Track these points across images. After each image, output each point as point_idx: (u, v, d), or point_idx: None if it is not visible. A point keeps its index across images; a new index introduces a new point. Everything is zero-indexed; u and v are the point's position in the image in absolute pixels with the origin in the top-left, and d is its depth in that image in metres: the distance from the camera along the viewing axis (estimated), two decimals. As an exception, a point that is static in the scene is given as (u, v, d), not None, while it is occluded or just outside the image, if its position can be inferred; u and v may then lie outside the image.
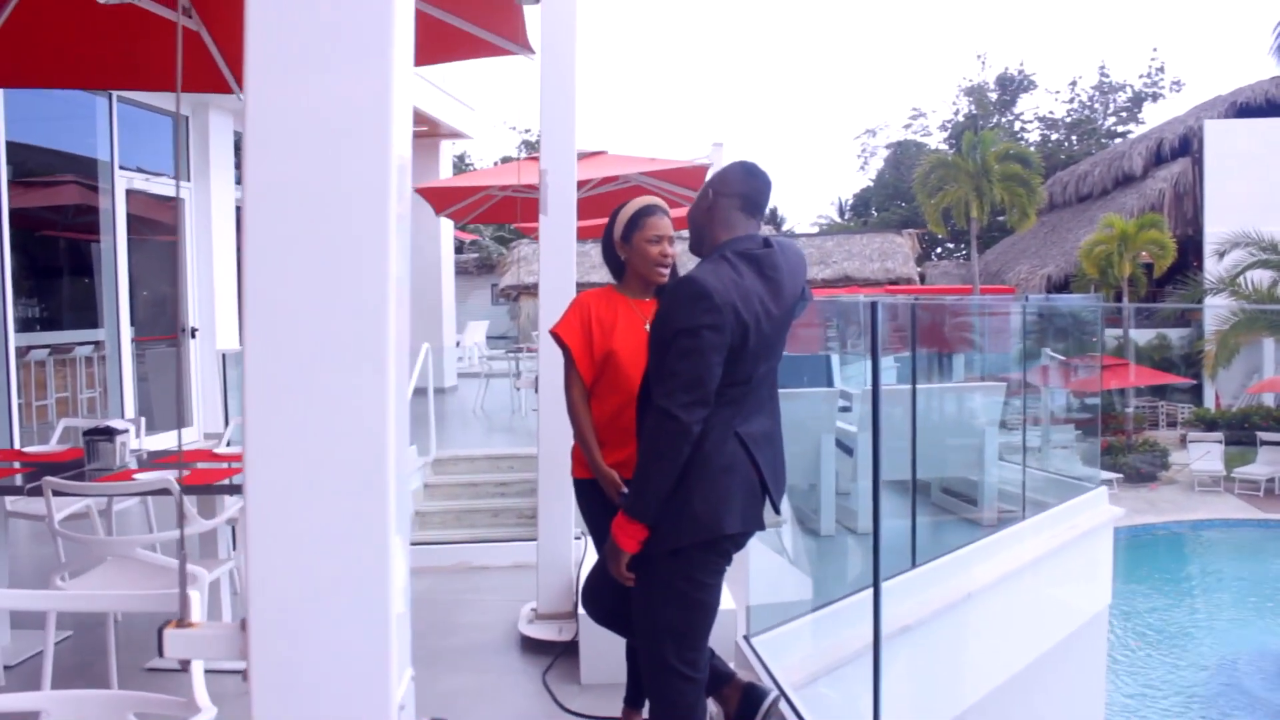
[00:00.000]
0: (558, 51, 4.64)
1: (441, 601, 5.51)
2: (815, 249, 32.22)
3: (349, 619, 1.43)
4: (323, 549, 1.44)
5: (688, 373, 2.68)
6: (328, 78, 1.43)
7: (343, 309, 1.44)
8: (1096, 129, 45.96)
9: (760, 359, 2.83)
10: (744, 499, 2.84)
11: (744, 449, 2.83)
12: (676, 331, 2.70)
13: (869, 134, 56.88)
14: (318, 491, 1.44)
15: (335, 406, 1.44)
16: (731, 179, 2.95)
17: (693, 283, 2.71)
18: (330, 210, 1.43)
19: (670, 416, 2.67)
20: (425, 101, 14.06)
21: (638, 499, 2.76)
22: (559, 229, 4.74)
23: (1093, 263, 25.25)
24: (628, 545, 2.80)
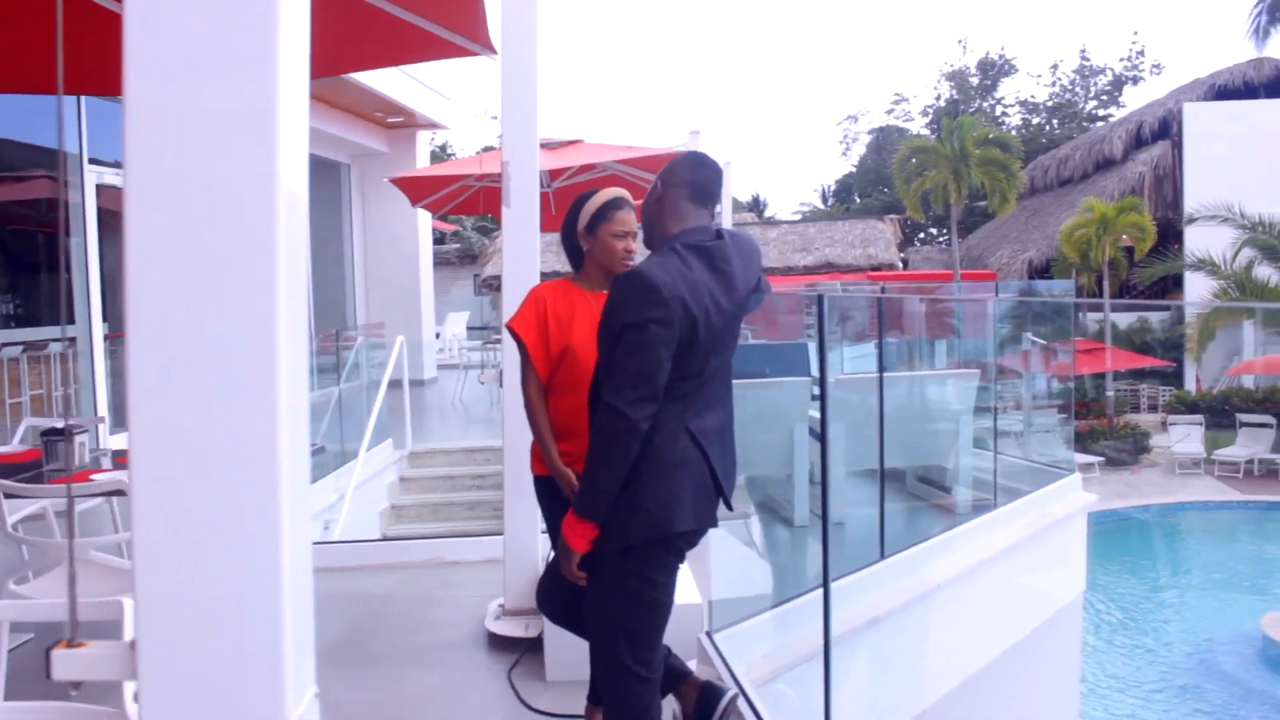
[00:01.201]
0: (519, 40, 4.58)
1: (411, 597, 5.47)
2: (797, 235, 32.20)
3: (241, 638, 1.38)
4: (212, 564, 1.39)
5: (635, 369, 2.63)
6: (209, 60, 1.37)
7: (229, 308, 1.39)
8: (1078, 112, 46.04)
9: (711, 353, 2.79)
10: (696, 495, 2.80)
11: (695, 445, 2.78)
12: (623, 326, 2.65)
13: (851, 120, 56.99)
14: (205, 505, 1.39)
15: (221, 419, 1.39)
16: (680, 169, 2.90)
17: (640, 276, 2.66)
18: (214, 202, 1.37)
19: (618, 414, 2.62)
20: (400, 92, 13.97)
21: (586, 497, 2.72)
22: (522, 221, 4.68)
23: (1073, 247, 25.29)
24: (578, 545, 2.76)
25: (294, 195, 1.43)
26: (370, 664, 4.54)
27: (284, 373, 1.39)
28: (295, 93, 1.42)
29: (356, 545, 6.41)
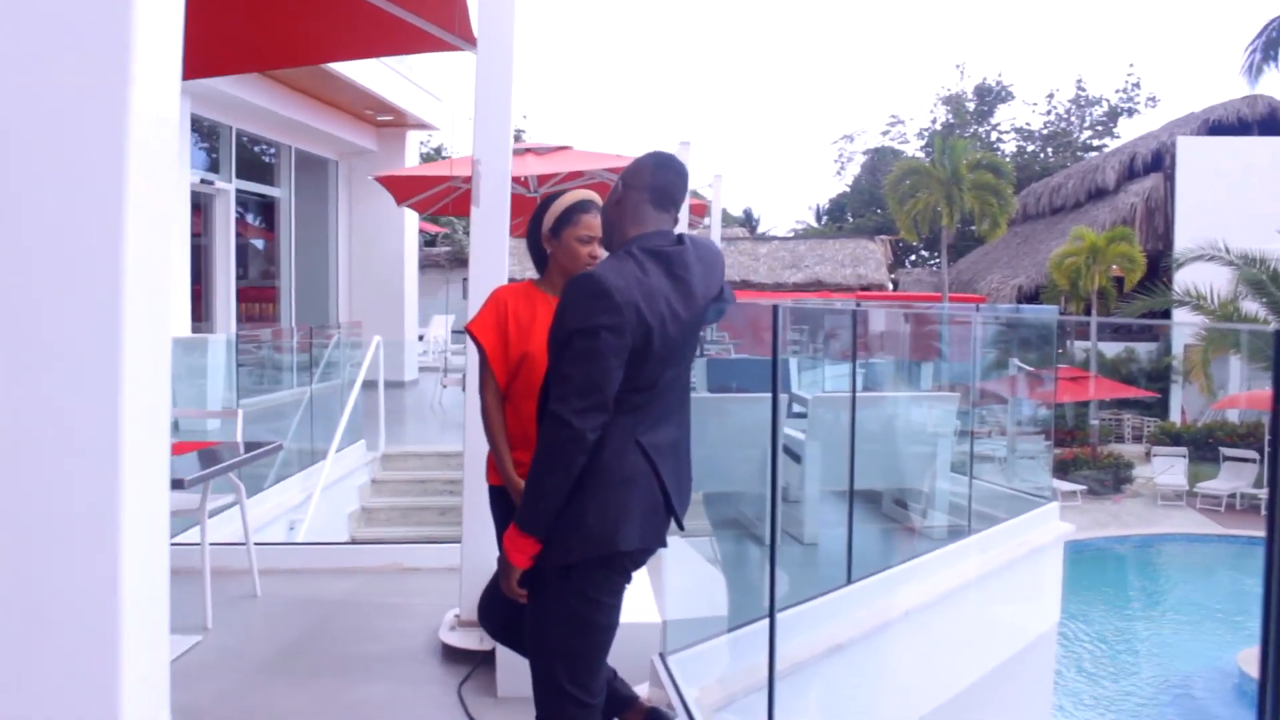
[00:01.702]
0: (495, 37, 4.46)
1: (367, 604, 5.32)
2: (788, 252, 32.20)
3: (73, 659, 1.25)
4: (44, 575, 1.25)
5: (583, 376, 2.49)
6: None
7: (68, 304, 1.25)
8: (1072, 141, 46.15)
9: (666, 363, 2.65)
10: (644, 513, 2.65)
11: (646, 460, 2.64)
12: (572, 332, 2.51)
13: (846, 139, 56.91)
14: (36, 509, 1.25)
15: (56, 419, 1.25)
16: (642, 171, 2.75)
17: (591, 280, 2.52)
18: (53, 194, 1.23)
19: (563, 423, 2.48)
20: (390, 90, 13.85)
21: (528, 511, 2.57)
22: (491, 222, 4.56)
23: (1063, 274, 25.30)
24: (519, 560, 2.61)
25: (146, 186, 1.29)
26: (315, 673, 4.39)
27: (131, 372, 1.25)
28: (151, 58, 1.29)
29: (316, 548, 6.26)
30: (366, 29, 5.34)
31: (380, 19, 5.09)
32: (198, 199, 12.09)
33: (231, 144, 12.89)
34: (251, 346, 12.02)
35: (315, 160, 15.47)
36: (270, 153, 14.53)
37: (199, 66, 5.83)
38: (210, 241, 12.76)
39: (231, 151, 12.90)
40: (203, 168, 12.38)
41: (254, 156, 14.17)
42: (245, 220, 14.44)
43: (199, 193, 12.08)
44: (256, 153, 14.28)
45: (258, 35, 5.55)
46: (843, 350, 10.30)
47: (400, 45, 5.62)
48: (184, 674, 4.33)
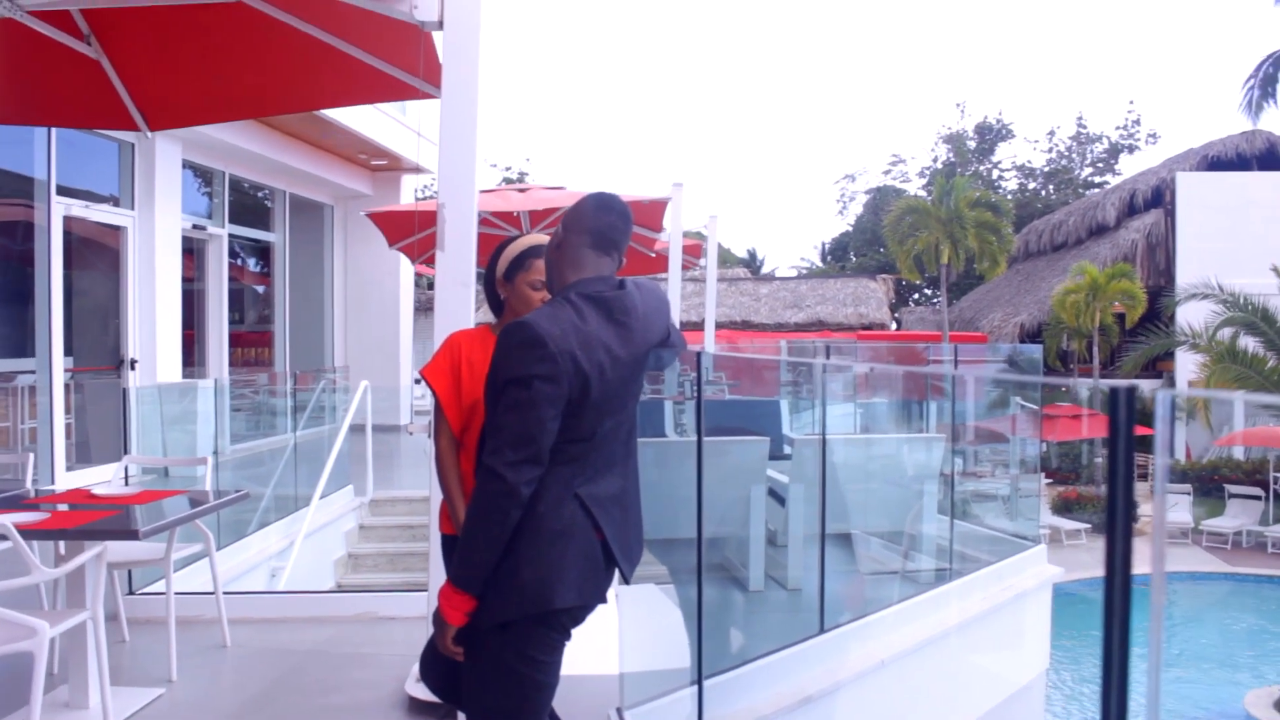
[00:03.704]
0: (459, 79, 4.43)
1: (336, 654, 5.24)
2: (789, 292, 32.21)
3: None
4: None
5: (516, 427, 2.42)
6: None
7: None
8: (1073, 179, 46.25)
9: (605, 413, 2.57)
10: (582, 569, 2.56)
11: (585, 512, 2.56)
12: (506, 381, 2.45)
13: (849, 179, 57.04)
14: None
15: None
16: (583, 214, 2.69)
17: (525, 328, 2.46)
18: None
19: (496, 476, 2.41)
20: (382, 134, 13.90)
21: (463, 567, 2.50)
22: (456, 265, 4.50)
23: (1065, 311, 25.24)
24: (453, 618, 2.53)
25: None
26: (276, 726, 4.31)
27: None
28: None
29: (289, 597, 6.18)
30: (337, 77, 5.34)
31: (351, 67, 5.10)
32: (190, 243, 12.09)
33: (225, 189, 12.92)
34: (243, 391, 11.99)
35: (310, 205, 15.51)
36: (265, 197, 14.56)
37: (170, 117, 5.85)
38: (203, 286, 12.75)
39: (225, 196, 12.93)
40: (197, 213, 12.39)
41: (248, 201, 14.20)
42: (240, 265, 14.45)
43: (191, 237, 12.08)
44: (251, 197, 14.31)
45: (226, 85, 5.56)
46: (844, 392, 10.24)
47: (370, 93, 5.62)
48: (140, 728, 4.25)
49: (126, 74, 5.31)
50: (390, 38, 4.82)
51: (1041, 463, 12.73)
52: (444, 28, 4.34)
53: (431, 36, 4.61)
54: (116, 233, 10.77)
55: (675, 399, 10.27)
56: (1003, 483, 12.31)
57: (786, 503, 6.65)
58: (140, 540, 4.17)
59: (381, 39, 4.89)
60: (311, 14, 4.79)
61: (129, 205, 10.82)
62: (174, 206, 11.26)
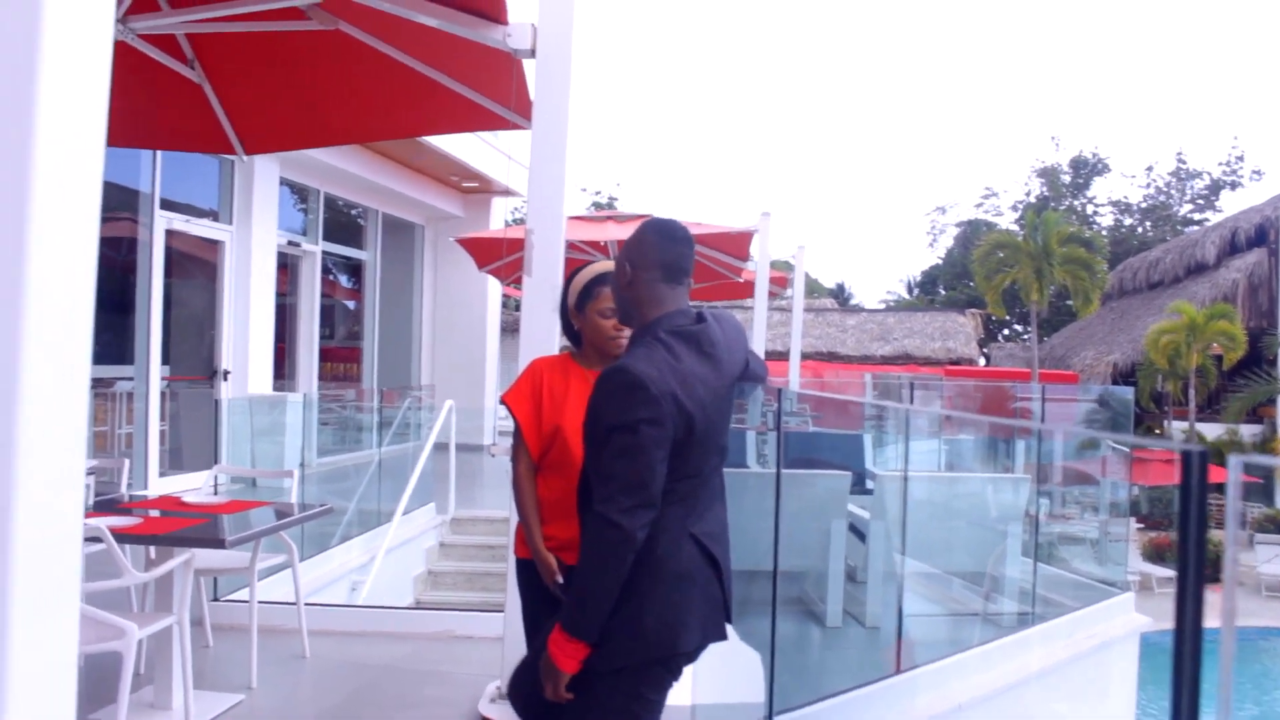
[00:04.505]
0: (550, 106, 4.49)
1: (413, 671, 5.29)
2: (876, 324, 31.91)
3: None
4: None
5: (627, 474, 2.38)
6: None
7: None
8: (1172, 215, 45.13)
9: (709, 449, 2.55)
10: (703, 608, 2.53)
11: (702, 552, 2.53)
12: (610, 429, 2.41)
13: (939, 211, 56.27)
14: None
15: None
16: (647, 249, 2.64)
17: (624, 373, 2.43)
18: None
19: (610, 524, 2.37)
20: (475, 157, 14.11)
21: (579, 616, 2.44)
22: (543, 291, 4.55)
23: (1160, 352, 24.58)
24: (567, 666, 2.46)
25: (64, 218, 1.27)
26: (349, 740, 4.37)
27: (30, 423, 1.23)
28: None
29: (369, 611, 6.26)
30: (429, 106, 5.44)
31: (443, 96, 5.18)
32: (284, 259, 12.38)
33: (320, 206, 13.22)
34: (331, 405, 12.22)
35: (402, 224, 15.79)
36: (358, 216, 14.86)
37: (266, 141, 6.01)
38: (296, 301, 13.04)
39: (320, 214, 13.23)
40: (292, 229, 12.69)
41: (342, 219, 14.51)
42: (332, 281, 14.76)
43: (285, 253, 12.37)
44: (345, 215, 14.62)
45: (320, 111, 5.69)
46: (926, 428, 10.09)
47: (461, 123, 5.72)
48: (220, 734, 4.34)
49: (226, 98, 5.46)
50: (482, 67, 4.90)
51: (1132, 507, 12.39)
52: (536, 55, 4.41)
53: (523, 66, 4.68)
54: (215, 247, 11.07)
55: (758, 429, 10.23)
56: (1090, 526, 12.03)
57: (867, 538, 6.57)
58: (227, 549, 4.27)
59: (474, 68, 4.96)
60: (406, 42, 4.89)
61: (227, 220, 11.12)
62: (270, 222, 11.54)
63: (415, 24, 4.39)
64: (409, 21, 4.39)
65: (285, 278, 12.68)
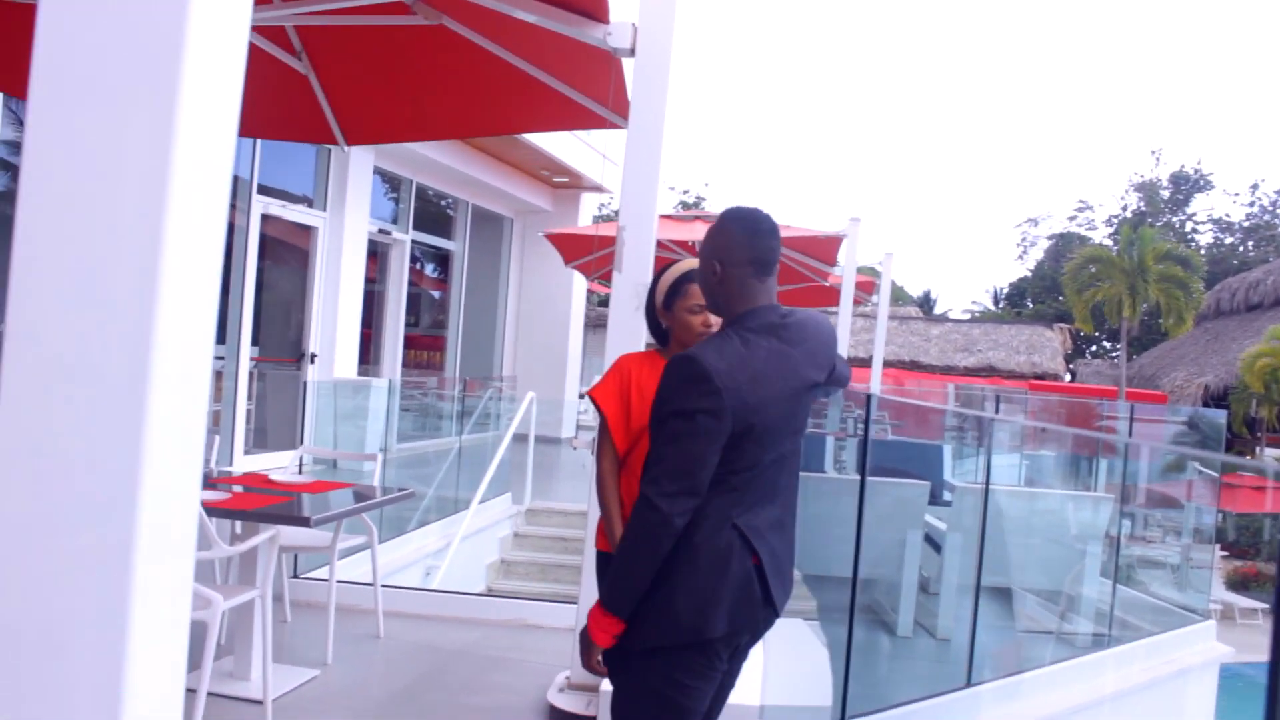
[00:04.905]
0: (648, 106, 4.53)
1: (483, 656, 5.37)
2: (961, 335, 31.48)
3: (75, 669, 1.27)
4: (54, 577, 1.27)
5: (676, 459, 2.43)
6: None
7: (104, 319, 1.29)
8: (1276, 235, 43.86)
9: (768, 445, 2.55)
10: (736, 598, 2.55)
11: (744, 541, 2.55)
12: (668, 414, 2.46)
13: (1031, 223, 55.53)
14: (56, 516, 1.28)
15: (83, 433, 1.29)
16: (736, 246, 2.64)
17: (692, 363, 2.45)
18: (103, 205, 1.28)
19: (651, 506, 2.42)
20: (566, 152, 14.21)
21: (615, 591, 2.51)
22: (633, 288, 4.60)
23: (1255, 375, 23.92)
24: (601, 639, 2.55)
25: (197, 206, 1.32)
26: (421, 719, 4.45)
27: (158, 400, 1.29)
28: (202, 127, 1.34)
29: (444, 595, 6.36)
30: (528, 103, 5.50)
31: (542, 94, 5.24)
32: (374, 247, 12.61)
33: (411, 196, 13.43)
34: (414, 392, 12.41)
35: (491, 216, 15.96)
36: (448, 206, 15.06)
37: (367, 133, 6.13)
38: (384, 288, 13.27)
39: (410, 204, 13.44)
40: (382, 218, 12.91)
41: (432, 209, 14.71)
42: (420, 270, 14.98)
43: (375, 240, 12.59)
44: (435, 205, 14.83)
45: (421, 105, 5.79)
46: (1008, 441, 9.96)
47: (559, 120, 5.77)
48: (296, 706, 4.45)
49: (330, 89, 5.59)
50: (581, 65, 4.94)
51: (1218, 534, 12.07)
52: (635, 55, 4.45)
53: (621, 65, 4.72)
54: (308, 232, 11.31)
55: (837, 435, 10.17)
56: (1173, 550, 11.77)
57: (943, 550, 6.52)
58: (310, 528, 4.38)
59: (572, 66, 5.01)
60: (507, 38, 4.95)
61: (321, 207, 11.35)
62: (363, 210, 11.76)
63: (517, 21, 4.44)
64: (511, 18, 4.44)
65: (374, 265, 12.91)
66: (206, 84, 1.33)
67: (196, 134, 1.31)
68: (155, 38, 1.29)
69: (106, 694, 1.24)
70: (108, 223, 1.28)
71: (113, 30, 1.30)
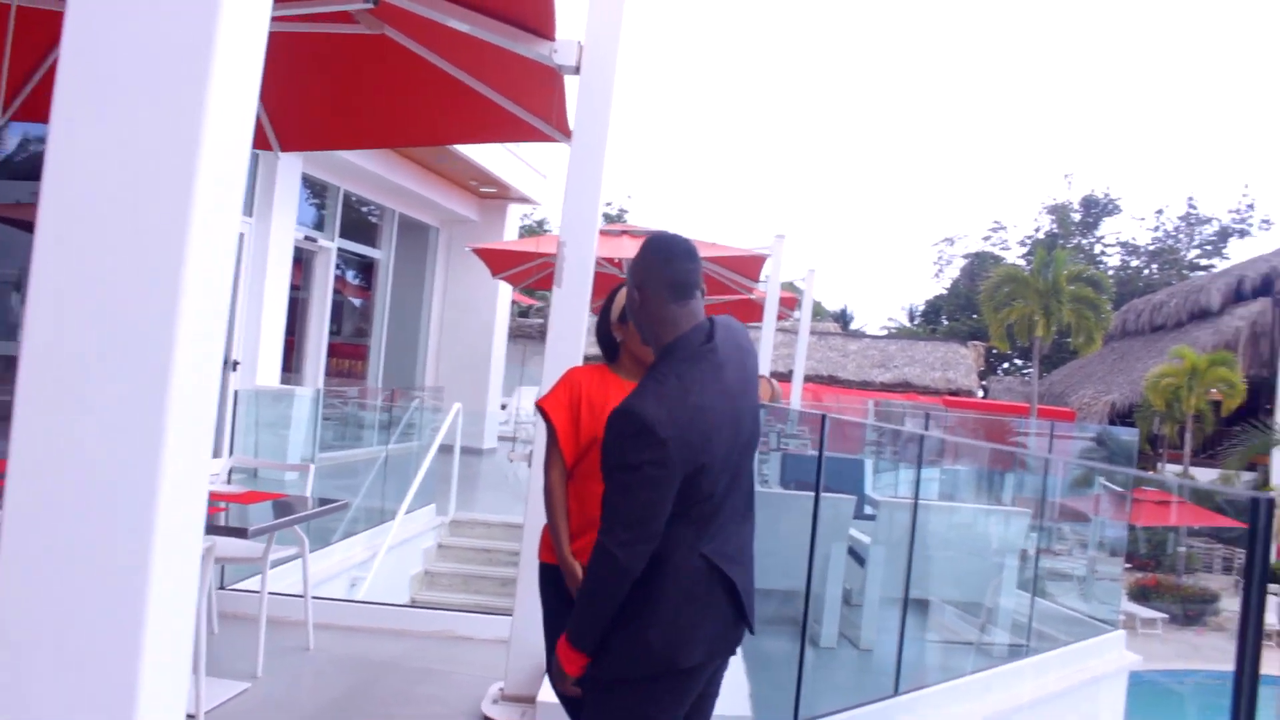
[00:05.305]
0: (591, 123, 4.59)
1: (413, 668, 5.36)
2: (878, 351, 32.01)
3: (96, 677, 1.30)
4: (75, 586, 1.31)
5: (628, 509, 2.45)
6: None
7: (126, 331, 1.33)
8: (1179, 259, 45.33)
9: (723, 471, 2.59)
10: (711, 627, 2.60)
11: (714, 571, 2.59)
12: (614, 466, 2.48)
13: (947, 242, 56.44)
14: (75, 527, 1.31)
15: (104, 445, 1.32)
16: (651, 268, 2.65)
17: (631, 417, 2.46)
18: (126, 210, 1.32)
19: (607, 553, 2.45)
20: (495, 164, 14.21)
21: (578, 630, 2.56)
22: (572, 302, 4.65)
23: (1159, 394, 24.73)
24: (570, 670, 2.60)
25: (217, 212, 1.36)
26: (354, 732, 4.44)
27: (176, 414, 1.32)
28: (223, 152, 1.38)
29: (372, 607, 6.34)
30: (468, 116, 5.52)
31: (483, 107, 5.27)
32: (300, 254, 12.47)
33: (338, 204, 13.32)
34: (336, 402, 12.29)
35: (417, 225, 15.89)
36: (374, 215, 14.97)
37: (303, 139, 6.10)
38: (308, 295, 13.13)
39: (337, 211, 13.33)
40: (308, 225, 12.78)
41: (358, 217, 14.60)
42: (344, 278, 14.85)
43: (301, 248, 12.46)
44: (362, 214, 14.72)
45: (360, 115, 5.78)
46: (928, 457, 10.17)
47: (499, 133, 5.80)
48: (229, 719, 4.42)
49: (267, 96, 5.55)
50: (524, 80, 4.98)
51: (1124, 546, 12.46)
52: (580, 73, 4.51)
53: (563, 81, 4.77)
54: (234, 238, 11.15)
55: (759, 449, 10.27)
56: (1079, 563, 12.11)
57: (866, 563, 6.66)
58: (247, 539, 4.35)
59: (515, 81, 5.05)
60: (451, 51, 4.97)
61: (248, 213, 11.19)
62: (289, 217, 11.62)
63: (461, 34, 4.47)
64: (456, 31, 4.47)
65: (299, 272, 12.77)
66: (230, 95, 1.36)
67: (220, 147, 1.35)
68: (183, 43, 1.32)
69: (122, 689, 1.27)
70: (131, 230, 1.32)
71: (139, 41, 1.33)
